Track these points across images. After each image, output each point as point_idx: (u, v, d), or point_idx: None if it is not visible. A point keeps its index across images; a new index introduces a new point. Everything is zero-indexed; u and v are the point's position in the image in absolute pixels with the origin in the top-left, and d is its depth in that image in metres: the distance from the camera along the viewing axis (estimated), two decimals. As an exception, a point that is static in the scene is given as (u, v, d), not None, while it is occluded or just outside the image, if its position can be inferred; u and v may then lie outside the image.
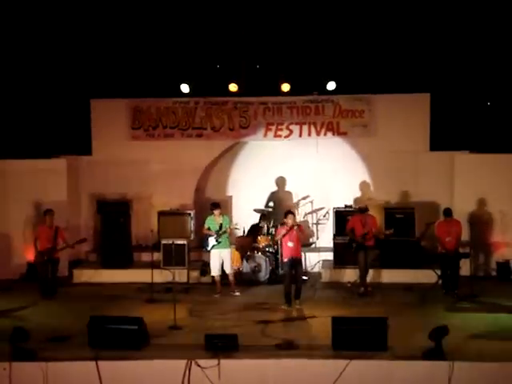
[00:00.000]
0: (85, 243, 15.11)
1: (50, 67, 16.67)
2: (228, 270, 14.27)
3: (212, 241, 14.18)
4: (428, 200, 16.37)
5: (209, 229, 14.21)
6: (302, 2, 16.03)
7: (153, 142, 17.28)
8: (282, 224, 13.66)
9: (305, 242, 13.89)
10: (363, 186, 16.99)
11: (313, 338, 11.09)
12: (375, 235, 14.30)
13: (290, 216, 13.31)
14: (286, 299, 13.15)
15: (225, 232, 14.09)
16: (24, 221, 15.84)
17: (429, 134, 16.67)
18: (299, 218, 16.51)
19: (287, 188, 17.46)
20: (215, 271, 14.26)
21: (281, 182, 17.41)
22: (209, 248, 14.28)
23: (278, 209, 17.09)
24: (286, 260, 13.33)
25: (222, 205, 14.81)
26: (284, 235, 13.24)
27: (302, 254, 13.98)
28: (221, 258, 14.20)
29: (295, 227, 13.15)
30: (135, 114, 17.29)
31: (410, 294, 13.92)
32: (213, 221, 14.24)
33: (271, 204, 17.36)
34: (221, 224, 14.13)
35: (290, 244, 13.21)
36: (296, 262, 13.29)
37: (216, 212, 14.23)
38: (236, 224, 14.81)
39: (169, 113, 17.27)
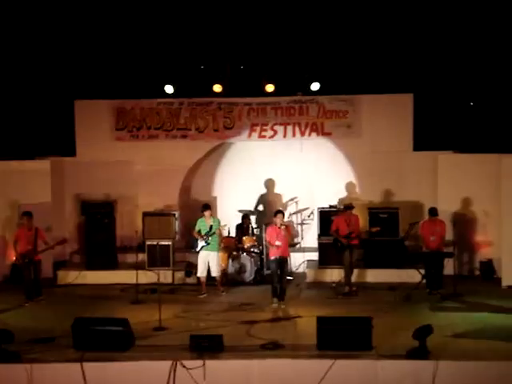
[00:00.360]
0: (69, 244, 15.07)
1: (33, 68, 16.61)
2: (214, 274, 14.28)
3: (201, 242, 14.19)
4: (412, 200, 16.45)
5: (199, 231, 14.20)
6: (286, 2, 16.06)
7: (137, 142, 17.26)
8: (268, 224, 13.67)
9: (291, 242, 13.90)
10: (347, 186, 17.03)
11: (298, 338, 11.11)
12: (359, 234, 14.34)
13: (279, 215, 13.40)
14: (273, 294, 13.30)
15: (213, 233, 14.10)
16: (6, 222, 15.73)
17: (412, 134, 16.76)
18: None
19: (275, 190, 17.46)
20: (201, 272, 14.26)
21: (270, 183, 17.43)
22: (198, 249, 14.28)
23: (266, 210, 17.12)
24: (272, 258, 13.36)
25: (209, 204, 14.82)
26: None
27: (289, 251, 13.96)
28: (208, 260, 14.19)
29: (282, 227, 13.19)
30: (119, 115, 17.25)
31: (394, 294, 13.96)
32: (203, 222, 14.25)
33: (260, 206, 17.37)
34: (211, 226, 14.14)
35: (278, 243, 13.24)
36: (283, 262, 13.36)
37: (206, 213, 14.23)
38: (225, 225, 14.80)
39: (153, 114, 17.25)
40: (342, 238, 14.21)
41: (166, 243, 15.48)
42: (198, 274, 14.35)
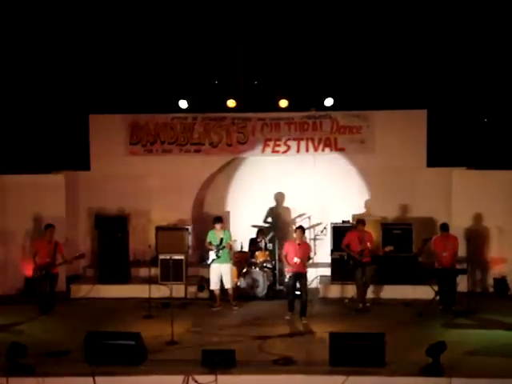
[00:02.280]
0: (82, 258, 15.08)
1: (48, 82, 16.75)
2: (227, 285, 14.31)
3: (212, 255, 14.23)
4: (425, 216, 16.39)
5: (210, 243, 14.25)
6: (301, 18, 16.13)
7: (151, 157, 17.29)
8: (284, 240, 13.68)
9: (308, 259, 13.85)
10: (361, 201, 17.00)
11: (310, 354, 11.09)
12: (372, 252, 14.30)
13: (298, 231, 13.46)
14: (289, 306, 13.32)
15: (224, 247, 14.12)
16: (22, 236, 15.82)
17: (426, 150, 16.70)
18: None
19: (285, 204, 17.47)
20: (214, 285, 14.30)
21: (280, 197, 17.43)
22: (209, 262, 14.33)
23: (276, 224, 17.12)
24: (290, 274, 13.41)
25: (221, 216, 14.85)
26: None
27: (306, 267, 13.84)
28: (220, 273, 14.23)
29: (298, 241, 13.25)
30: (133, 130, 17.30)
31: (408, 310, 13.91)
32: (214, 235, 14.30)
33: (269, 219, 17.37)
34: (222, 238, 14.17)
35: (296, 260, 13.26)
36: (301, 276, 13.38)
37: (217, 226, 14.28)
38: (234, 240, 14.81)
39: (167, 128, 17.29)
40: (354, 254, 14.18)
41: (179, 257, 15.48)
42: (212, 287, 14.39)
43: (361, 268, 14.20)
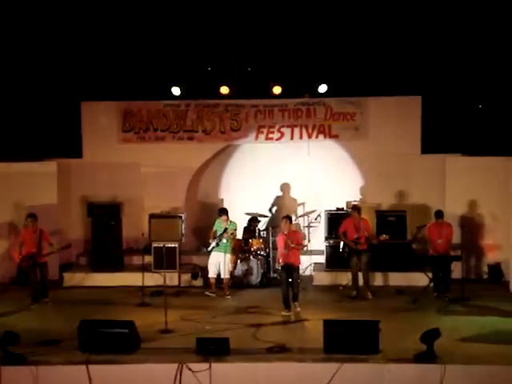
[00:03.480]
0: (74, 246, 15.05)
1: (40, 69, 16.64)
2: (223, 275, 14.31)
3: (212, 243, 14.25)
4: (419, 203, 16.38)
5: (216, 231, 14.37)
6: (294, 4, 16.04)
7: (144, 144, 17.22)
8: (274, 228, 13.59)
9: (301, 247, 13.64)
10: (355, 188, 16.97)
11: (304, 342, 11.08)
12: (368, 239, 14.25)
13: (284, 221, 13.12)
14: (284, 305, 12.93)
15: (222, 235, 14.14)
16: (13, 224, 15.72)
17: (420, 137, 16.68)
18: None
19: (291, 194, 17.44)
20: (212, 273, 14.37)
21: (286, 187, 17.40)
22: (209, 249, 14.41)
23: (278, 214, 17.06)
24: (281, 265, 13.12)
25: (215, 208, 14.88)
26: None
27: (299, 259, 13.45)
28: (218, 261, 14.26)
29: (288, 241, 12.87)
30: (126, 117, 17.22)
31: (402, 297, 13.91)
32: (220, 224, 14.39)
33: (274, 209, 17.34)
34: (226, 228, 14.21)
35: (284, 250, 13.01)
36: (291, 269, 13.00)
37: (223, 217, 14.35)
38: (234, 230, 14.78)
39: (160, 115, 17.21)
40: (349, 242, 14.13)
41: (173, 245, 15.41)
42: (210, 275, 14.45)
43: (356, 255, 14.16)
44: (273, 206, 17.44)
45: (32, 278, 13.86)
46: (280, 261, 13.10)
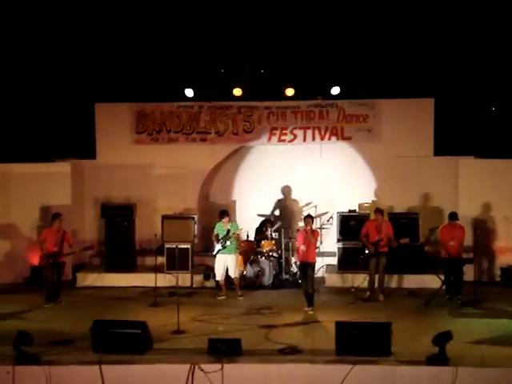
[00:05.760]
0: (91, 250, 15.14)
1: (54, 71, 16.73)
2: (233, 275, 14.31)
3: (218, 245, 14.23)
4: (432, 205, 16.36)
5: (217, 235, 14.27)
6: (307, 6, 16.05)
7: (157, 146, 17.26)
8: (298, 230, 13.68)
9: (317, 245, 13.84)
10: (367, 190, 16.94)
11: (316, 343, 11.09)
12: (391, 242, 14.18)
13: (308, 220, 13.33)
14: (307, 301, 13.16)
15: (229, 237, 14.12)
16: (28, 225, 15.83)
17: (433, 139, 16.64)
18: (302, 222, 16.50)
19: (293, 195, 17.39)
20: (219, 276, 14.33)
21: (287, 190, 17.37)
22: (214, 252, 14.35)
23: (283, 216, 17.06)
24: (298, 263, 13.46)
25: (227, 209, 14.83)
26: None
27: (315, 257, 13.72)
28: (226, 263, 14.23)
29: (308, 228, 13.16)
30: (139, 118, 17.28)
31: (414, 299, 13.90)
32: (221, 227, 14.31)
33: (277, 212, 17.32)
34: (228, 230, 14.18)
35: (303, 247, 13.23)
36: (306, 266, 13.30)
37: (224, 220, 14.29)
38: (241, 229, 14.80)
39: (173, 117, 17.26)
40: (369, 244, 14.12)
41: (185, 246, 15.46)
42: (217, 278, 14.41)
43: (375, 257, 14.15)
44: (275, 208, 17.40)
45: (48, 277, 13.96)
46: (297, 258, 13.40)
